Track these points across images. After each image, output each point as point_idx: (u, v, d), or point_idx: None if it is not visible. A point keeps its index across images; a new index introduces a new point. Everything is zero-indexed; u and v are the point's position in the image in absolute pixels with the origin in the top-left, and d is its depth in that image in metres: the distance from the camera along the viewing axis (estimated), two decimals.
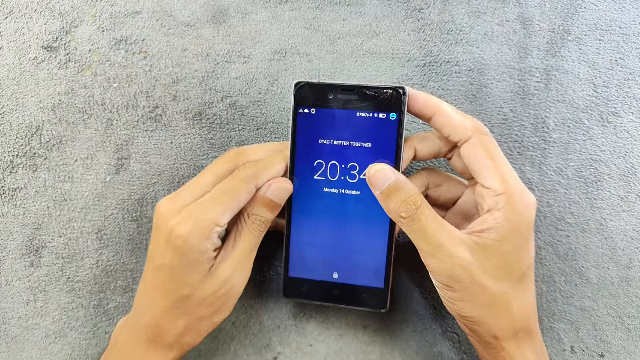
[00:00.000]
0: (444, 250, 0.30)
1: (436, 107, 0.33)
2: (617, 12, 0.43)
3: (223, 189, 0.32)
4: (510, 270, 0.31)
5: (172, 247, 0.31)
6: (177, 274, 0.31)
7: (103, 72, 0.43)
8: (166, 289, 0.32)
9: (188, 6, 0.44)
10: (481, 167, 0.32)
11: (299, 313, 0.41)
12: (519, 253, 0.31)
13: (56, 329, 0.41)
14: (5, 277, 0.42)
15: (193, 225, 0.31)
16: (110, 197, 0.42)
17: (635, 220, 0.41)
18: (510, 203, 0.31)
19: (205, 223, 0.31)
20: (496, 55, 0.43)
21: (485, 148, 0.32)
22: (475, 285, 0.30)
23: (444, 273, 0.31)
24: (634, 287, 0.40)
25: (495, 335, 0.32)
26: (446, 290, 0.32)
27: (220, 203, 0.31)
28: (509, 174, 0.32)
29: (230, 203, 0.32)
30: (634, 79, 0.42)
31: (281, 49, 0.43)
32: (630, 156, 0.42)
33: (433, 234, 0.30)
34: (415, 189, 0.32)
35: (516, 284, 0.31)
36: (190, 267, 0.31)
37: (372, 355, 0.40)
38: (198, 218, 0.31)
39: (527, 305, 0.32)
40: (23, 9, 0.44)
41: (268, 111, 0.43)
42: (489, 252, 0.30)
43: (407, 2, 0.44)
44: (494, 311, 0.31)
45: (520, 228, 0.31)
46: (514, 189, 0.31)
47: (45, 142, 0.42)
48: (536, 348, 0.33)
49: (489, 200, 0.31)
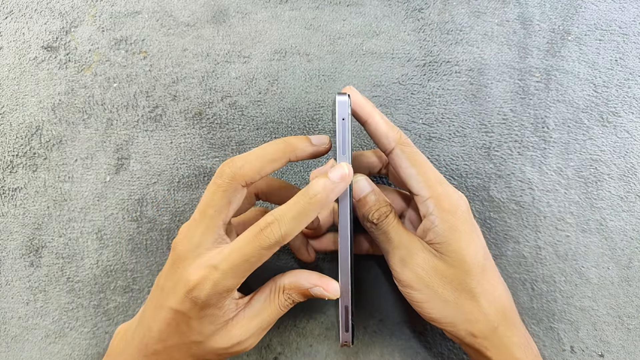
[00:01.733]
0: (404, 249, 0.33)
1: (368, 115, 0.34)
2: (617, 12, 0.43)
3: (244, 255, 0.30)
4: (467, 265, 0.32)
5: (191, 302, 0.30)
6: (194, 325, 0.31)
7: (103, 72, 0.43)
8: (179, 331, 0.32)
9: (188, 6, 0.44)
10: (407, 176, 0.33)
11: (299, 313, 0.41)
12: (467, 248, 0.32)
13: (56, 329, 0.41)
14: (5, 277, 0.42)
15: (212, 288, 0.30)
16: (110, 197, 0.42)
17: (635, 220, 0.41)
18: (439, 205, 0.32)
19: (224, 289, 0.30)
20: (496, 55, 0.43)
21: (407, 157, 0.33)
22: (436, 280, 0.32)
23: (407, 272, 0.32)
24: (634, 287, 0.41)
25: (473, 334, 0.32)
26: (411, 293, 0.33)
27: (240, 271, 0.30)
28: (433, 178, 0.33)
29: (251, 269, 0.30)
30: (634, 79, 0.42)
31: (281, 49, 0.43)
32: (630, 156, 0.42)
33: (395, 237, 0.33)
34: (386, 200, 0.34)
35: (478, 278, 0.32)
36: (207, 321, 0.31)
37: (372, 356, 0.40)
38: (217, 282, 0.30)
39: (498, 298, 0.33)
40: (23, 9, 0.44)
41: (268, 111, 0.43)
42: (442, 252, 0.32)
43: (407, 2, 0.44)
44: (462, 308, 0.32)
45: (457, 225, 0.32)
46: (439, 192, 0.33)
47: (45, 142, 0.42)
48: (522, 342, 0.33)
49: (422, 207, 0.33)
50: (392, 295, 0.41)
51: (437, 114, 0.43)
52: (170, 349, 0.32)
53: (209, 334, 0.31)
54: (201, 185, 0.42)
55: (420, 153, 0.34)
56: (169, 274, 0.32)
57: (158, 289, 0.33)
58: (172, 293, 0.31)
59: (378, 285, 0.41)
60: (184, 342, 0.32)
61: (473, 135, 0.42)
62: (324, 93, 0.43)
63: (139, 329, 0.33)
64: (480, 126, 0.42)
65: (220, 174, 0.31)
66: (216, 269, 0.30)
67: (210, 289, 0.30)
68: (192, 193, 0.42)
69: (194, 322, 0.31)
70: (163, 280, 0.32)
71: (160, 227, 0.42)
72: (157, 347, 0.32)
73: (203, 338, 0.31)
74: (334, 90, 0.43)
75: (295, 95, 0.43)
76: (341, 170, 0.30)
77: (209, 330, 0.31)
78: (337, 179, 0.30)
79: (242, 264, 0.30)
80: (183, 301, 0.31)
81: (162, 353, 0.32)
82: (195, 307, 0.30)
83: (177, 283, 0.31)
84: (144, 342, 0.33)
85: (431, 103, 0.43)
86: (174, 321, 0.31)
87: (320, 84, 0.43)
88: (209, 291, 0.30)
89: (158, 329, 0.32)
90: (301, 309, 0.41)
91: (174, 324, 0.31)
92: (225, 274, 0.30)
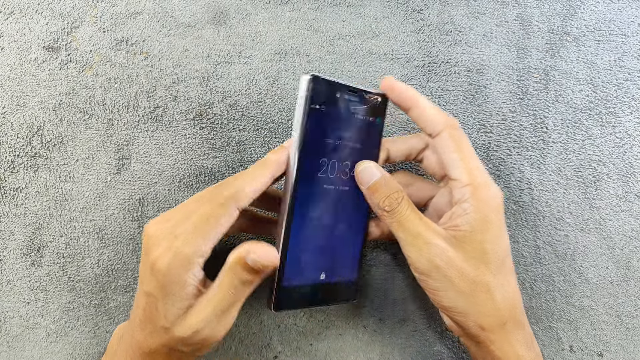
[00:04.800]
0: (421, 239, 0.32)
1: (413, 100, 0.34)
2: (616, 12, 0.43)
3: (202, 216, 0.31)
4: (487, 257, 0.32)
5: (154, 279, 0.30)
6: (159, 306, 0.31)
7: (104, 73, 0.43)
8: (151, 316, 0.31)
9: (189, 7, 0.44)
10: (449, 160, 0.33)
11: (299, 312, 0.41)
12: (492, 241, 0.32)
13: (57, 328, 0.41)
14: (6, 276, 0.42)
15: (172, 258, 0.30)
16: (111, 197, 0.42)
17: (633, 220, 0.41)
18: (475, 194, 0.32)
19: (185, 256, 0.30)
20: (495, 55, 0.43)
21: (454, 141, 0.33)
22: (453, 271, 0.31)
23: (423, 261, 0.32)
24: (633, 286, 0.41)
25: (482, 326, 0.32)
26: (427, 280, 0.32)
27: (200, 234, 0.30)
28: (476, 167, 0.33)
29: (210, 233, 0.30)
30: (632, 80, 0.43)
31: (281, 50, 0.43)
32: (629, 156, 0.42)
33: (412, 225, 0.32)
34: (398, 186, 0.33)
35: (496, 272, 0.32)
36: (170, 302, 0.30)
37: (372, 354, 0.41)
38: (177, 251, 0.30)
39: (511, 295, 0.33)
40: (24, 9, 0.44)
41: (268, 111, 0.43)
42: (464, 242, 0.32)
43: (406, 3, 0.44)
44: (476, 299, 0.32)
45: (489, 217, 0.32)
46: (479, 181, 0.32)
47: (47, 142, 0.43)
48: (526, 340, 0.33)
49: (457, 192, 0.33)
50: (392, 294, 0.41)
51: None
52: (149, 338, 0.32)
53: (172, 319, 0.31)
54: (202, 185, 0.42)
55: (467, 139, 0.34)
56: (142, 259, 0.32)
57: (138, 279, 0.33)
58: (143, 276, 0.32)
59: (378, 284, 0.41)
60: (156, 329, 0.31)
61: (472, 136, 0.42)
62: None
63: (128, 324, 0.34)
64: (479, 126, 0.42)
65: None
66: (176, 237, 0.30)
67: (171, 258, 0.30)
68: (192, 193, 0.42)
69: (160, 303, 0.30)
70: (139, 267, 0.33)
71: None
72: (139, 337, 0.32)
73: (169, 324, 0.31)
74: None
75: (296, 95, 0.43)
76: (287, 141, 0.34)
77: (172, 315, 0.30)
78: (286, 144, 0.34)
79: (200, 224, 0.30)
80: (150, 280, 0.31)
81: (143, 343, 0.32)
82: (158, 283, 0.30)
83: (145, 264, 0.31)
84: (131, 334, 0.33)
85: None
86: (147, 305, 0.31)
87: None
88: (169, 260, 0.30)
89: (139, 318, 0.32)
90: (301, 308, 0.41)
91: (147, 310, 0.31)
92: (185, 239, 0.30)
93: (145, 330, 0.32)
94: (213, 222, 0.30)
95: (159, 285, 0.30)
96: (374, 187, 0.33)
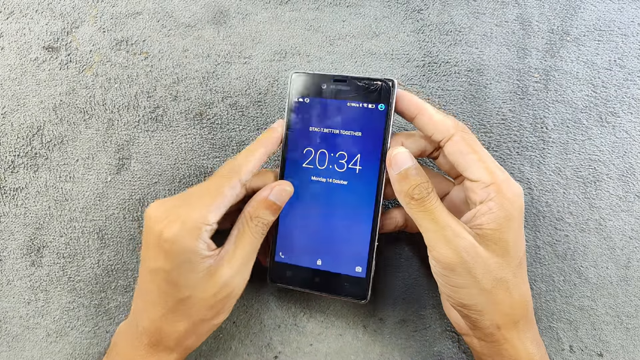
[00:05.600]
0: (450, 230, 0.31)
1: (419, 107, 0.34)
2: (616, 12, 0.43)
3: (206, 188, 0.33)
4: (510, 256, 0.32)
5: (162, 251, 0.31)
6: (173, 277, 0.31)
7: (104, 73, 0.43)
8: (163, 292, 0.32)
9: (189, 7, 0.44)
10: (467, 162, 0.33)
11: (300, 312, 0.41)
12: (515, 240, 0.32)
13: (57, 328, 0.41)
14: (6, 276, 0.42)
15: (180, 226, 0.30)
16: (111, 197, 0.42)
17: (633, 220, 0.41)
18: (500, 192, 0.32)
19: (193, 223, 0.31)
20: (495, 55, 0.43)
21: (468, 144, 0.33)
22: (478, 267, 0.31)
23: (449, 253, 0.31)
24: (633, 286, 0.41)
25: (498, 325, 0.32)
26: (448, 276, 0.32)
27: (204, 203, 0.32)
28: (494, 166, 0.33)
29: (215, 201, 0.32)
30: (632, 80, 0.43)
31: (281, 50, 0.43)
32: (629, 156, 0.42)
33: (441, 215, 0.32)
34: (427, 178, 0.33)
35: (515, 270, 0.32)
36: (185, 269, 0.31)
37: (372, 355, 0.41)
38: (184, 219, 0.31)
39: (525, 293, 0.33)
40: (24, 9, 0.44)
41: (268, 111, 0.43)
42: (489, 239, 0.32)
43: (406, 3, 0.44)
44: (496, 298, 0.31)
45: (513, 215, 0.32)
46: (502, 179, 0.32)
47: (47, 142, 0.43)
48: (536, 338, 0.33)
49: (480, 193, 0.32)
50: (392, 294, 0.41)
51: None
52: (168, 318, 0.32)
53: (193, 284, 0.31)
54: None
55: (478, 141, 0.34)
56: (144, 241, 0.33)
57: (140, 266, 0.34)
58: (147, 254, 0.32)
59: (377, 284, 0.41)
60: (177, 304, 0.31)
61: None
62: None
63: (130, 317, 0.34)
64: (479, 126, 0.42)
65: None
66: (180, 207, 0.31)
67: (178, 227, 0.30)
68: None
69: (174, 273, 0.31)
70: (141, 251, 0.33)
71: None
72: (145, 325, 0.32)
73: (190, 291, 0.31)
74: None
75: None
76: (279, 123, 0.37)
77: (192, 280, 0.31)
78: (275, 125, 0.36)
79: (204, 195, 0.32)
80: (157, 255, 0.31)
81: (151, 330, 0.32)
82: (168, 255, 0.31)
83: (148, 242, 0.32)
84: (134, 325, 0.33)
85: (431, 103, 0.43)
86: (154, 284, 0.31)
87: None
88: (176, 230, 0.30)
89: (152, 302, 0.32)
90: (301, 308, 0.41)
91: (162, 286, 0.31)
92: (189, 208, 0.31)
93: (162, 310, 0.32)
94: (216, 192, 0.32)
95: (169, 257, 0.31)
96: (405, 173, 0.33)
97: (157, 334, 0.32)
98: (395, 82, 0.34)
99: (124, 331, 0.35)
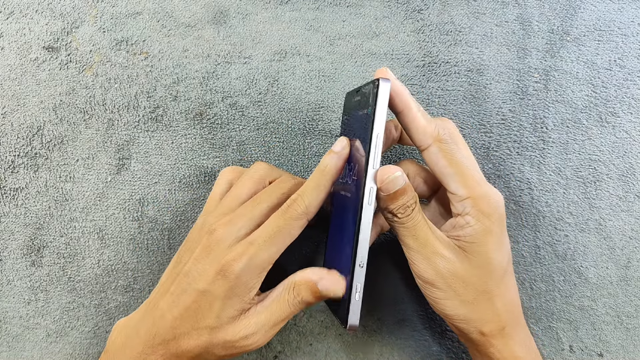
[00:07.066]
0: (429, 248, 0.32)
1: (405, 103, 0.32)
2: (616, 12, 0.43)
3: (277, 227, 0.32)
4: (491, 267, 0.32)
5: (223, 279, 0.31)
6: (216, 305, 0.31)
7: (104, 73, 0.43)
8: (197, 314, 0.32)
9: (189, 7, 0.44)
10: (442, 174, 0.33)
11: (300, 312, 0.41)
12: (495, 251, 0.32)
13: (57, 328, 0.41)
14: (6, 276, 0.42)
15: (248, 262, 0.31)
16: (111, 197, 0.42)
17: (633, 220, 0.41)
18: (476, 206, 0.32)
19: (260, 263, 0.31)
20: (495, 55, 0.43)
21: (445, 156, 0.32)
22: (457, 282, 0.31)
23: (429, 270, 0.32)
24: (633, 286, 0.41)
25: (482, 332, 0.32)
26: (430, 289, 0.32)
27: (275, 243, 0.32)
28: (471, 177, 0.32)
29: (285, 243, 0.32)
30: (632, 80, 0.43)
31: (281, 50, 0.43)
32: (629, 156, 0.42)
33: (421, 232, 0.32)
34: (415, 194, 0.32)
35: (499, 281, 0.32)
36: (230, 303, 0.31)
37: (371, 355, 0.41)
38: (253, 256, 0.31)
39: (511, 301, 0.33)
40: (24, 9, 0.44)
41: (268, 111, 0.43)
42: (468, 252, 0.32)
43: (406, 3, 0.44)
44: (478, 308, 0.32)
45: (491, 228, 0.32)
46: (478, 192, 0.32)
47: (47, 142, 0.43)
48: (525, 342, 0.34)
49: (457, 205, 0.33)
50: (391, 294, 0.41)
51: (436, 114, 0.43)
52: (179, 337, 0.32)
53: (224, 320, 0.31)
54: (202, 185, 0.42)
55: (460, 150, 0.32)
56: (200, 257, 0.32)
57: (180, 276, 0.33)
58: (202, 274, 0.32)
59: (377, 284, 0.41)
60: (196, 328, 0.32)
61: (472, 136, 0.42)
62: (324, 94, 0.43)
63: (145, 321, 0.33)
64: (479, 126, 0.42)
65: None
66: (252, 243, 0.31)
67: (246, 262, 0.31)
68: (192, 193, 0.42)
69: (218, 303, 0.31)
70: (190, 264, 0.33)
71: (161, 227, 0.42)
72: (166, 336, 0.32)
73: (218, 323, 0.31)
74: (334, 91, 0.43)
75: (296, 95, 0.43)
76: (340, 142, 0.34)
77: (227, 315, 0.31)
78: (339, 148, 0.33)
79: (275, 235, 0.31)
80: (214, 280, 0.31)
81: (170, 342, 0.32)
82: (225, 284, 0.31)
83: (210, 264, 0.32)
84: (152, 333, 0.32)
85: (430, 103, 0.43)
86: (196, 304, 0.32)
87: (320, 85, 0.43)
88: (244, 265, 0.31)
89: (173, 316, 0.32)
90: None
91: (194, 307, 0.32)
92: (260, 247, 0.31)
93: (179, 329, 0.32)
94: (287, 234, 0.32)
95: (226, 287, 0.31)
96: (395, 195, 0.31)
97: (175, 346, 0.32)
98: (379, 83, 0.30)
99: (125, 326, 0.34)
